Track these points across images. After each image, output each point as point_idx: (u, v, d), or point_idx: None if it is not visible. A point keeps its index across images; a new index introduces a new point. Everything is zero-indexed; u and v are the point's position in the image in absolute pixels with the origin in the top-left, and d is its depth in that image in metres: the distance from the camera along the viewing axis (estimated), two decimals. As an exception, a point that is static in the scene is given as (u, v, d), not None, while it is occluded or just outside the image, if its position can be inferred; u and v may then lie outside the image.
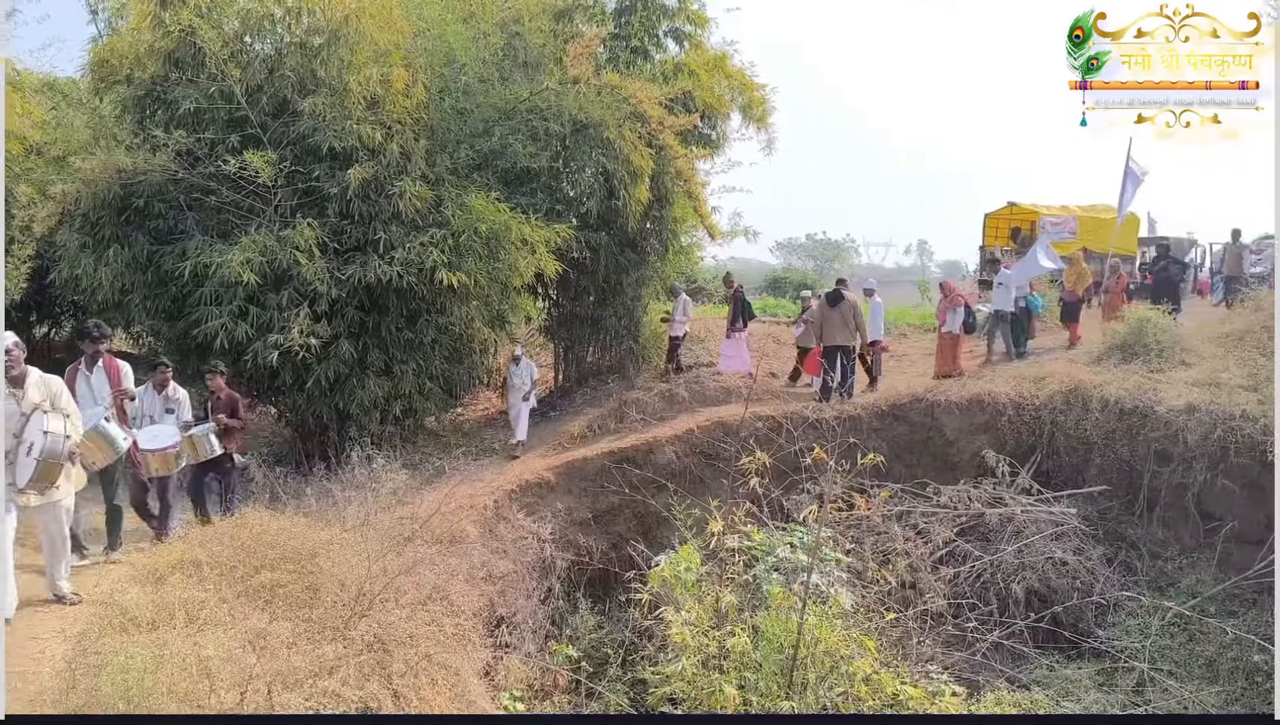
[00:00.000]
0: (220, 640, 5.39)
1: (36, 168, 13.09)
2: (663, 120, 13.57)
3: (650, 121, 13.42)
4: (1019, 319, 16.22)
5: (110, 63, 11.73)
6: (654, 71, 15.53)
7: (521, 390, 13.94)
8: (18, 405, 6.57)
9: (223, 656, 5.17)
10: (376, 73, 11.30)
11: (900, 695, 7.13)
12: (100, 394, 8.41)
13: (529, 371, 14.17)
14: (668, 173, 14.37)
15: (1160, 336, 13.53)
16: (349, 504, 8.73)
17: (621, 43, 15.56)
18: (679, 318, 16.47)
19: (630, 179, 13.19)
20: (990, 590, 10.46)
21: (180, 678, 4.87)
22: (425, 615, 6.91)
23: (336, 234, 11.53)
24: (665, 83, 14.70)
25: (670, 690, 7.24)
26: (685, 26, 16.42)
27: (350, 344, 11.60)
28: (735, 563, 8.02)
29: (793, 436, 10.79)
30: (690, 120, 14.33)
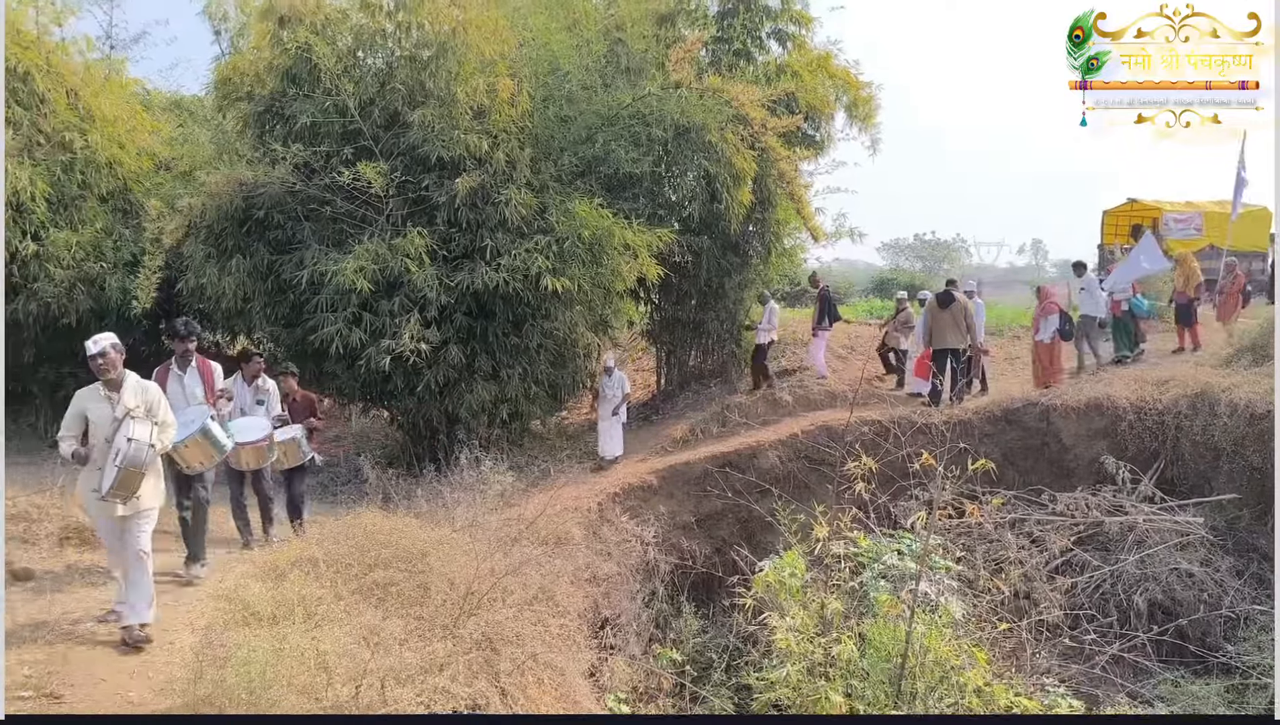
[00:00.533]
0: (336, 636, 5.56)
1: (165, 182, 13.79)
2: (765, 122, 13.47)
3: (753, 124, 13.34)
4: (1123, 323, 15.47)
5: (232, 80, 12.27)
6: (756, 73, 15.43)
7: (612, 402, 13.45)
8: (112, 409, 6.40)
9: (339, 652, 5.34)
10: (483, 83, 11.52)
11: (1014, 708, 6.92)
12: (192, 395, 8.00)
13: (620, 384, 13.59)
14: (770, 175, 14.25)
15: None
16: (458, 505, 8.92)
17: (724, 45, 15.51)
18: (765, 326, 16.08)
19: (732, 182, 13.14)
20: (1110, 602, 10.05)
21: (299, 671, 5.05)
22: (531, 615, 7.01)
23: (445, 242, 11.79)
24: (768, 84, 14.58)
25: (775, 696, 7.17)
26: (788, 27, 16.25)
27: (459, 349, 11.83)
28: (841, 569, 7.89)
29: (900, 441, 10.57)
30: (793, 122, 14.18)
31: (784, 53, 16.32)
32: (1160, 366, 14.02)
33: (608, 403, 13.49)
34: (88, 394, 6.48)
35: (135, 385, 6.56)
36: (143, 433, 6.21)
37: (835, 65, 16.19)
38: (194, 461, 7.60)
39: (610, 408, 13.39)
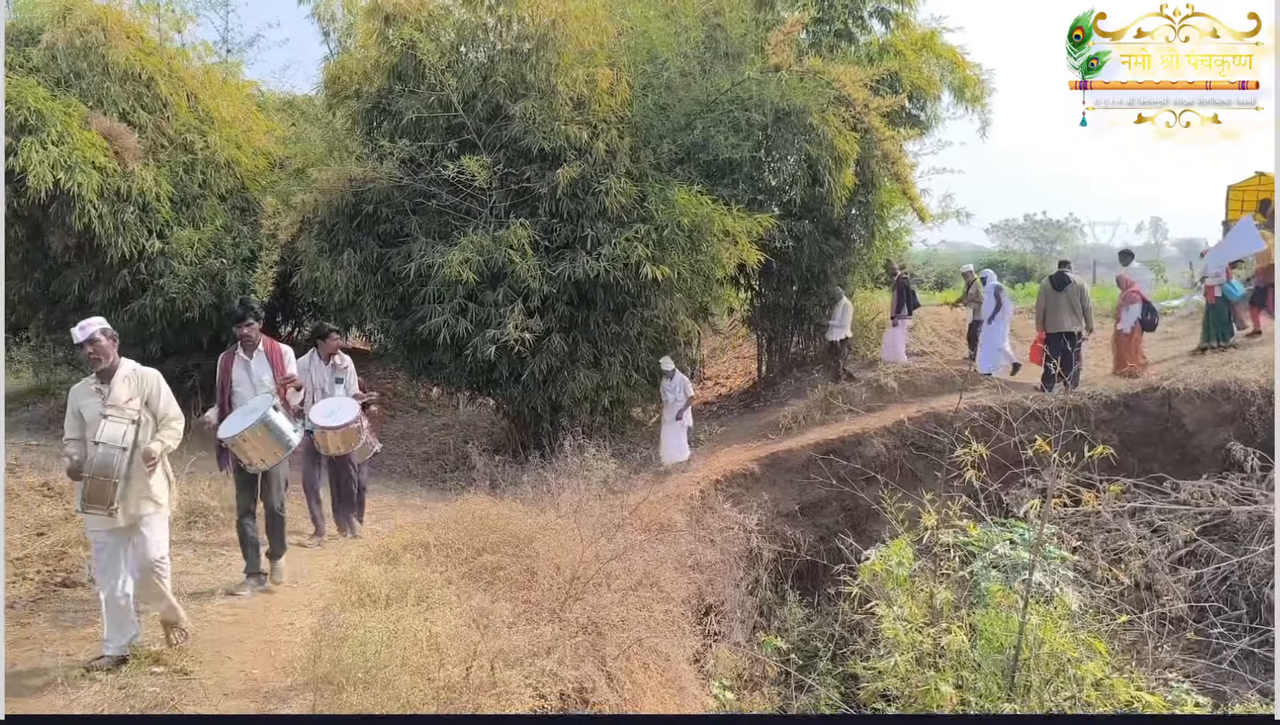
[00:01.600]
0: (448, 618, 5.71)
1: (279, 180, 14.28)
2: (868, 103, 13.22)
3: (855, 105, 13.10)
4: (1216, 310, 14.53)
5: (341, 79, 12.63)
6: (858, 54, 15.17)
7: (675, 407, 12.69)
8: (101, 404, 5.45)
9: (450, 634, 5.47)
10: (582, 74, 11.61)
11: (1136, 703, 6.68)
12: (260, 382, 7.15)
13: (682, 386, 12.76)
14: (873, 156, 13.97)
15: None
16: (562, 491, 9.02)
17: (824, 26, 15.28)
18: (836, 322, 15.54)
19: (834, 164, 12.92)
20: (1239, 594, 9.60)
21: (413, 652, 5.19)
22: (636, 600, 7.06)
23: (547, 232, 11.92)
24: (870, 65, 14.32)
25: (883, 686, 7.08)
26: (891, 5, 15.93)
27: (561, 338, 11.97)
28: (950, 559, 7.73)
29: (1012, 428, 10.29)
30: (896, 101, 13.89)
31: (887, 32, 15.99)
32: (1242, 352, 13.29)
33: (670, 407, 12.82)
34: (80, 389, 5.60)
35: (129, 374, 5.58)
36: (114, 433, 5.30)
37: (941, 44, 15.78)
38: (255, 458, 6.70)
39: (673, 412, 12.73)
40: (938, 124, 16.65)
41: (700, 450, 13.28)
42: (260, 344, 7.30)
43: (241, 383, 7.20)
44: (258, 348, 7.29)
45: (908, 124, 15.69)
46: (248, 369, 7.23)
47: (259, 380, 7.16)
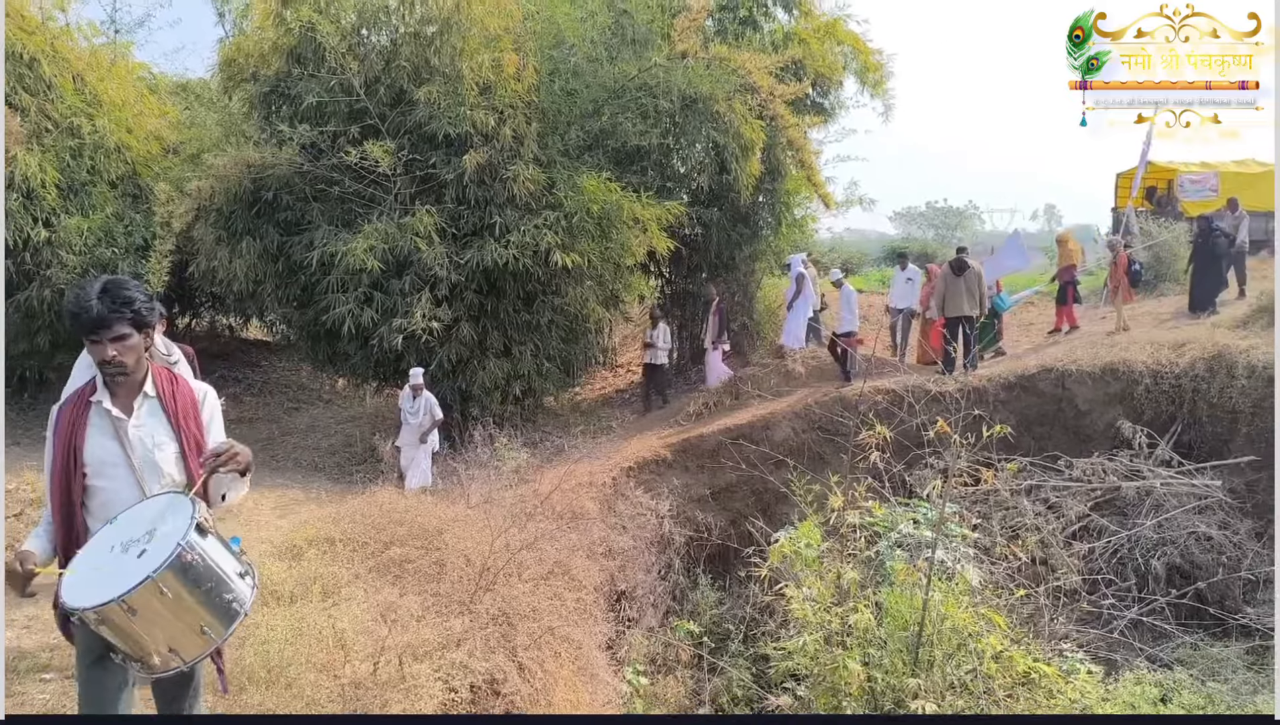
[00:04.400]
0: (354, 613, 5.61)
1: (173, 166, 13.78)
2: (773, 90, 13.35)
3: (760, 92, 13.23)
4: (986, 323, 14.94)
5: (237, 61, 12.24)
6: (764, 41, 15.28)
7: (419, 429, 11.02)
8: None
9: (357, 629, 5.38)
10: (488, 58, 11.45)
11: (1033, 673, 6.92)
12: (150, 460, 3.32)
13: (428, 407, 11.04)
14: (779, 144, 14.14)
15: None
16: (472, 482, 8.95)
17: (729, 14, 15.35)
18: (661, 345, 15.03)
19: (741, 152, 13.04)
20: (1128, 566, 10.04)
21: (317, 649, 5.09)
22: (548, 589, 7.04)
23: (454, 219, 11.78)
24: (775, 52, 14.45)
25: (793, 666, 7.20)
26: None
27: (470, 327, 11.86)
28: (857, 539, 7.89)
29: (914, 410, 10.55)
30: (801, 89, 14.06)
31: (791, 20, 16.14)
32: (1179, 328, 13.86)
33: (411, 430, 11.10)
34: None
35: None
36: None
37: (844, 30, 16.01)
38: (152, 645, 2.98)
39: (415, 435, 11.05)
40: (841, 111, 16.92)
41: (612, 437, 13.29)
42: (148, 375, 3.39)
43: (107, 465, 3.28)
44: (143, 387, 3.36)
45: (812, 112, 15.90)
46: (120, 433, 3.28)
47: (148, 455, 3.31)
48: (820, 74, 15.37)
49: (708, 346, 15.35)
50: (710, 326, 15.25)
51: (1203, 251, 14.84)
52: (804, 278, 14.88)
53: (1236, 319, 13.44)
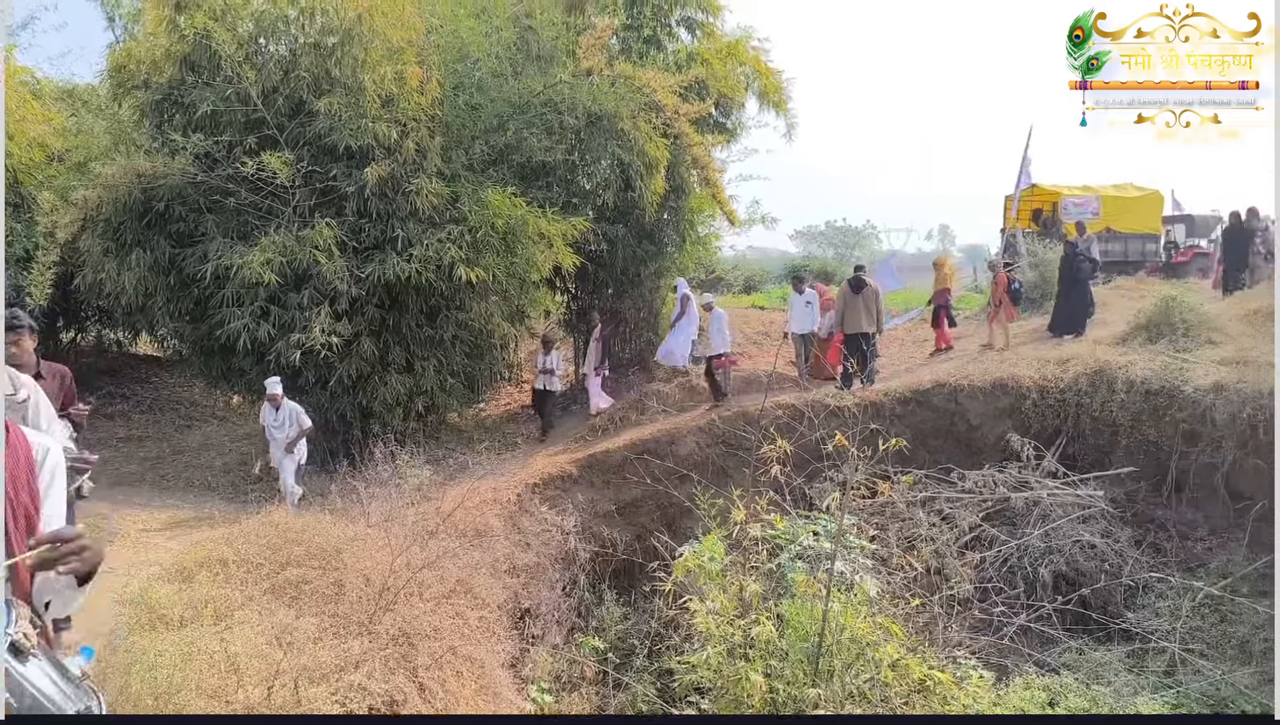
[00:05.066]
0: (248, 637, 5.44)
1: (59, 175, 13.25)
2: (677, 109, 13.52)
3: (665, 111, 13.38)
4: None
5: (127, 68, 11.85)
6: (667, 61, 15.48)
7: (284, 441, 10.55)
8: None
9: (250, 652, 5.22)
10: (390, 70, 11.33)
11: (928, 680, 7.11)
12: None
13: (293, 417, 10.57)
14: (683, 162, 14.32)
15: (1186, 315, 13.35)
16: (373, 500, 8.78)
17: (634, 33, 15.51)
18: (557, 370, 14.78)
19: (646, 169, 13.16)
20: (1017, 574, 10.40)
21: (209, 674, 4.92)
22: (449, 609, 6.95)
23: (355, 232, 11.60)
24: (679, 71, 14.64)
25: (697, 679, 7.25)
26: (697, 15, 16.33)
27: (371, 342, 11.68)
28: (759, 552, 8.00)
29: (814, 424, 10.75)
30: (704, 108, 14.27)
31: (694, 40, 16.38)
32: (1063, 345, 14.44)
33: (277, 443, 10.63)
34: None
35: None
36: None
37: (746, 52, 16.31)
38: None
39: (280, 448, 10.60)
40: (743, 131, 17.21)
41: (517, 454, 13.21)
42: None
43: None
44: None
45: (715, 131, 16.15)
46: None
47: None
48: (723, 94, 15.62)
49: (588, 373, 15.28)
50: (592, 353, 15.20)
51: (1066, 276, 15.46)
52: (689, 299, 15.01)
53: (1116, 336, 14.06)
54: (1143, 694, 8.66)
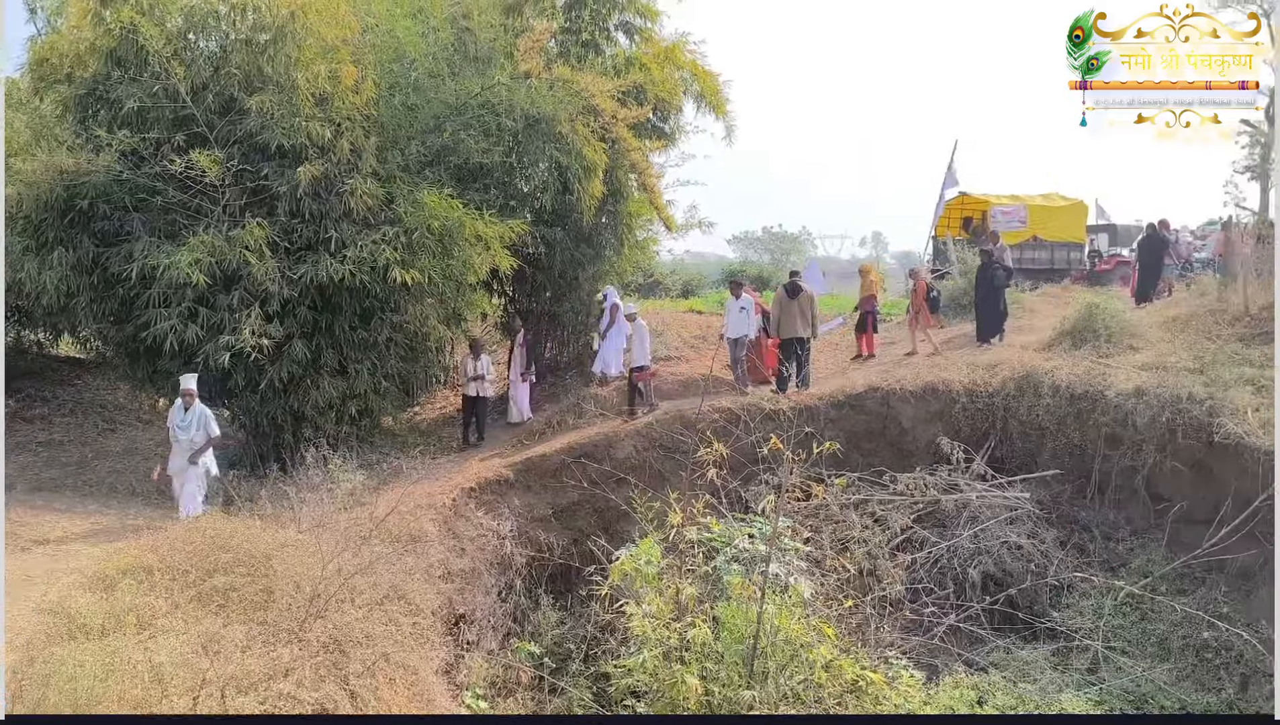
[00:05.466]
0: (173, 646, 5.31)
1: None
2: (615, 113, 13.56)
3: (603, 115, 13.40)
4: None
5: (50, 61, 11.54)
6: (605, 65, 15.48)
7: (190, 447, 10.09)
8: None
9: (175, 662, 5.10)
10: (325, 69, 11.19)
11: (860, 681, 7.21)
12: None
13: (201, 420, 10.15)
14: (622, 166, 14.37)
15: (1109, 322, 13.75)
16: (304, 505, 8.64)
17: (572, 36, 15.50)
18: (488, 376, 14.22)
19: (584, 173, 13.17)
20: (947, 575, 10.60)
21: (131, 685, 4.80)
22: (382, 615, 6.86)
23: (287, 233, 11.42)
24: (617, 76, 14.66)
25: (633, 683, 7.27)
26: (635, 20, 16.36)
27: (303, 344, 11.49)
28: (695, 555, 8.05)
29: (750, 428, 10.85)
30: (642, 113, 14.31)
31: (632, 45, 16.42)
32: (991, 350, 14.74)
33: (182, 448, 10.21)
34: None
35: None
36: None
37: (683, 56, 16.39)
38: None
39: (185, 454, 10.18)
40: (681, 136, 17.28)
41: (452, 458, 13.10)
42: None
43: None
44: None
45: (653, 136, 16.20)
46: None
47: None
48: (661, 98, 15.67)
49: (513, 380, 15.11)
50: (516, 359, 15.03)
51: (984, 284, 15.80)
52: (617, 308, 14.96)
53: (1042, 342, 14.41)
54: (1067, 691, 8.88)
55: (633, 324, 14.53)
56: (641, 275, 21.58)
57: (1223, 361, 11.83)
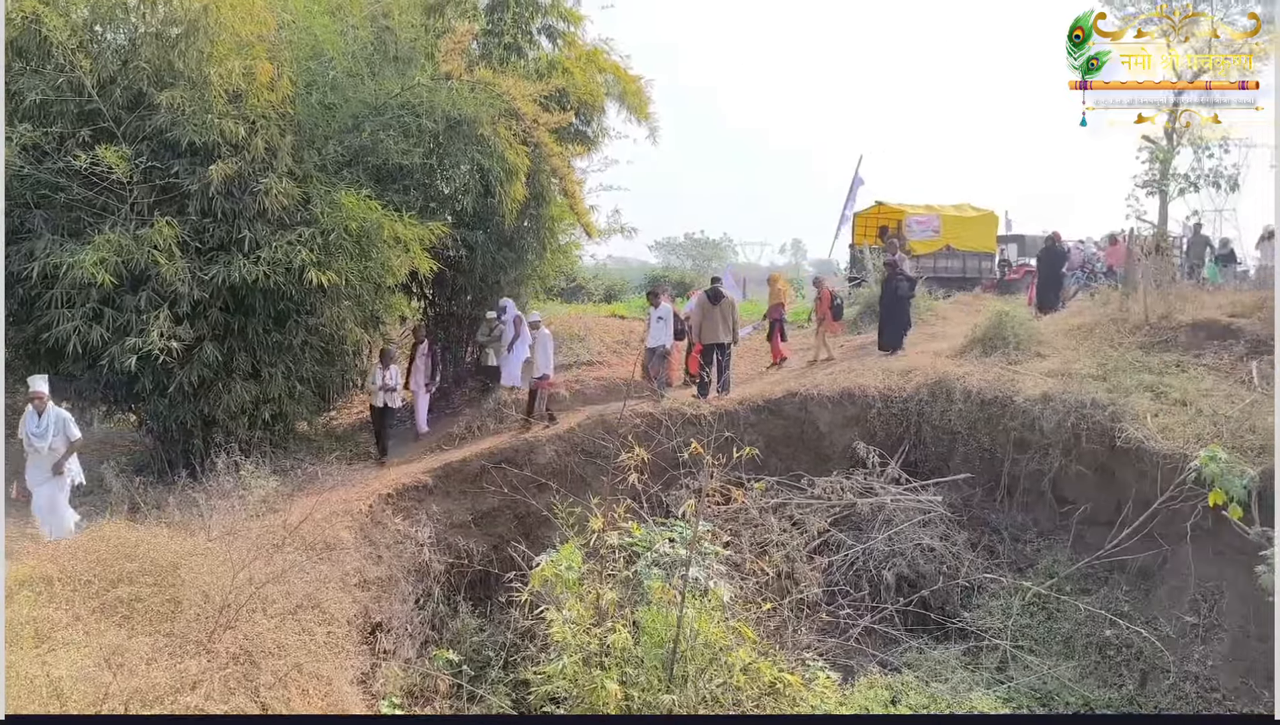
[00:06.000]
0: (73, 659, 5.13)
1: None
2: (537, 117, 13.50)
3: (525, 119, 13.34)
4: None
5: (-55, 51, 11.01)
6: (528, 68, 15.41)
7: (51, 457, 9.35)
8: None
9: (75, 676, 4.92)
10: (239, 65, 10.91)
11: (778, 683, 7.29)
12: None
13: (57, 425, 9.39)
14: (543, 170, 14.32)
15: (1018, 330, 14.17)
16: (214, 513, 8.43)
17: (494, 39, 15.39)
18: (394, 385, 13.45)
19: (506, 176, 13.08)
20: (862, 577, 10.80)
21: (29, 700, 4.61)
22: (295, 624, 6.72)
23: (198, 233, 11.12)
24: (539, 80, 14.61)
25: (552, 689, 7.23)
26: (558, 24, 16.33)
27: (215, 347, 11.20)
28: (616, 559, 8.05)
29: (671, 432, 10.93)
30: (565, 118, 14.29)
31: (555, 49, 16.38)
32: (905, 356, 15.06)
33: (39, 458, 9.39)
34: None
35: None
36: None
37: (606, 60, 16.40)
38: None
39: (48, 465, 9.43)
40: (604, 140, 17.29)
41: (369, 463, 12.88)
42: None
43: None
44: None
45: (576, 140, 16.19)
46: None
47: None
48: (583, 102, 15.68)
49: (416, 391, 14.62)
50: (419, 370, 14.58)
51: (888, 294, 16.10)
52: (521, 320, 14.74)
53: (955, 349, 14.79)
54: (977, 690, 9.11)
55: (536, 333, 14.25)
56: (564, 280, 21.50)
57: (1124, 369, 12.29)
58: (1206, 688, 9.14)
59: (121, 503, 9.68)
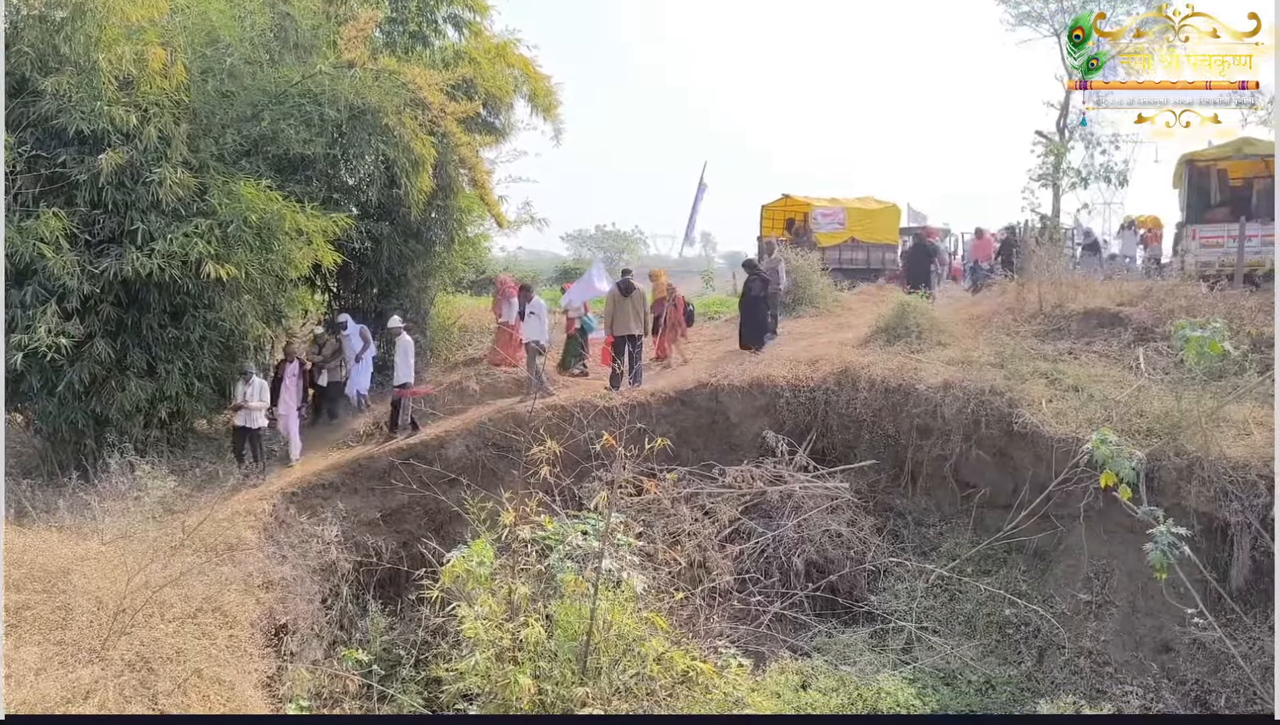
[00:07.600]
0: (-47, 672, 4.87)
1: None
2: (444, 107, 13.31)
3: (431, 108, 13.13)
4: (574, 340, 16.15)
5: None
6: (434, 58, 15.18)
7: None
8: None
9: (-44, 690, 4.68)
10: (129, 50, 10.55)
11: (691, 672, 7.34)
12: None
13: None
14: (451, 161, 14.11)
15: (920, 320, 14.51)
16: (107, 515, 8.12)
17: (399, 27, 15.13)
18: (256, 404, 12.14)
19: (412, 167, 12.87)
20: (773, 564, 10.96)
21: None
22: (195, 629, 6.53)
23: (88, 224, 10.72)
24: (446, 69, 14.41)
25: (465, 686, 7.16)
26: (464, 13, 16.12)
27: (107, 343, 10.81)
28: (529, 554, 8.00)
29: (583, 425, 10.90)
30: (472, 107, 14.13)
31: (461, 39, 16.18)
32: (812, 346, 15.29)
33: None
34: None
35: None
36: None
37: (514, 54, 16.26)
38: None
39: None
40: (513, 132, 17.15)
41: (273, 461, 12.55)
42: None
43: None
44: None
45: (484, 131, 16.01)
46: None
47: None
48: (491, 94, 15.52)
49: (284, 412, 13.02)
50: (290, 391, 13.12)
51: (745, 295, 16.29)
52: (366, 331, 14.38)
53: (860, 338, 15.08)
54: (884, 672, 9.33)
55: (399, 340, 13.61)
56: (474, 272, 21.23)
57: (1020, 356, 12.71)
58: (1099, 662, 9.54)
59: (8, 506, 9.24)
